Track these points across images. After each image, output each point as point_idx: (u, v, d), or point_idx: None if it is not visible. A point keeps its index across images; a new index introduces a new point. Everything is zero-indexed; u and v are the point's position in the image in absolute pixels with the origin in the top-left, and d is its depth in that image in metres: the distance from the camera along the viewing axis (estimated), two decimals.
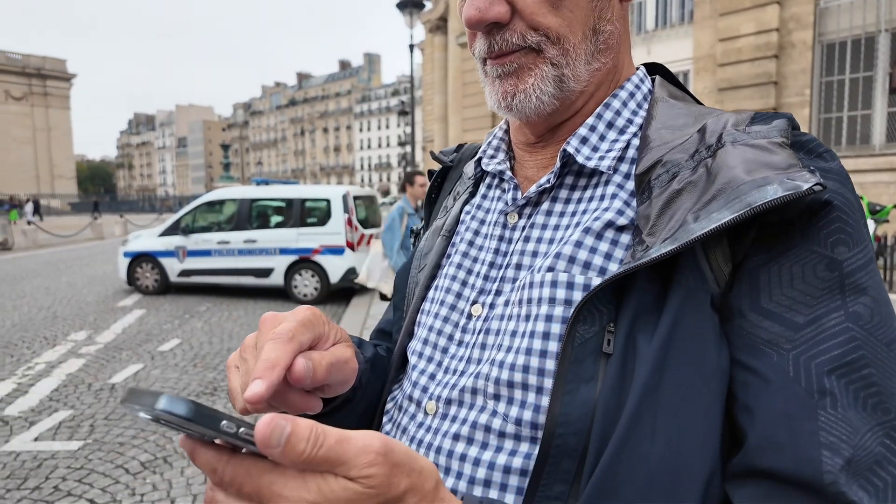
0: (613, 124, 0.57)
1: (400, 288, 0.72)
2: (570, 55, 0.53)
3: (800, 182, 0.41)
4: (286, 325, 0.47)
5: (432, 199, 0.78)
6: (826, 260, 0.43)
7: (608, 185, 0.54)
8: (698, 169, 0.47)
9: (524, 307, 0.52)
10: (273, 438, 0.31)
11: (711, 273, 0.45)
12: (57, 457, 3.34)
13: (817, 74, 8.95)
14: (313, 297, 8.04)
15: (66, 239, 19.12)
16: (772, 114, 0.52)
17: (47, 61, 62.15)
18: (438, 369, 0.58)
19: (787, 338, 0.42)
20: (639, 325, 0.45)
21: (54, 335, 6.25)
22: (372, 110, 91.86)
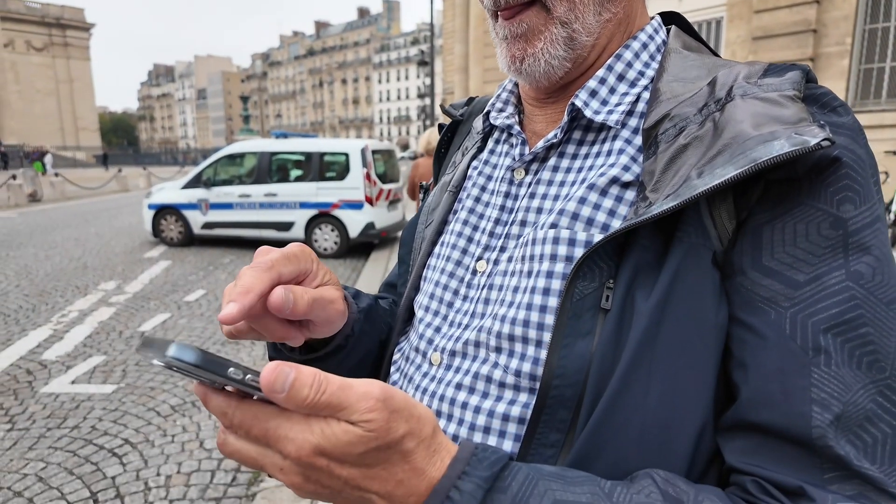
0: (624, 76, 0.55)
1: (406, 242, 0.72)
2: (578, 7, 0.51)
3: (808, 137, 0.40)
4: (269, 255, 0.48)
5: (442, 153, 0.77)
6: (831, 218, 0.42)
7: (616, 140, 0.53)
8: (706, 123, 0.46)
9: (526, 263, 0.52)
10: (278, 384, 0.33)
11: (715, 230, 0.45)
12: (93, 399, 3.54)
13: (860, 21, 8.43)
14: (333, 252, 8.14)
15: (92, 191, 19.50)
16: (787, 66, 0.50)
17: (66, 10, 61.70)
18: (444, 322, 0.59)
19: (786, 296, 0.42)
20: (638, 282, 0.45)
21: (85, 284, 6.48)
22: (391, 60, 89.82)
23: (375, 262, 7.53)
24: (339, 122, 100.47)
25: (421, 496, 0.37)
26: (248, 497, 2.57)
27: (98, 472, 2.75)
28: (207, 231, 8.73)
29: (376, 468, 0.36)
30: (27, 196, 16.15)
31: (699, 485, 0.42)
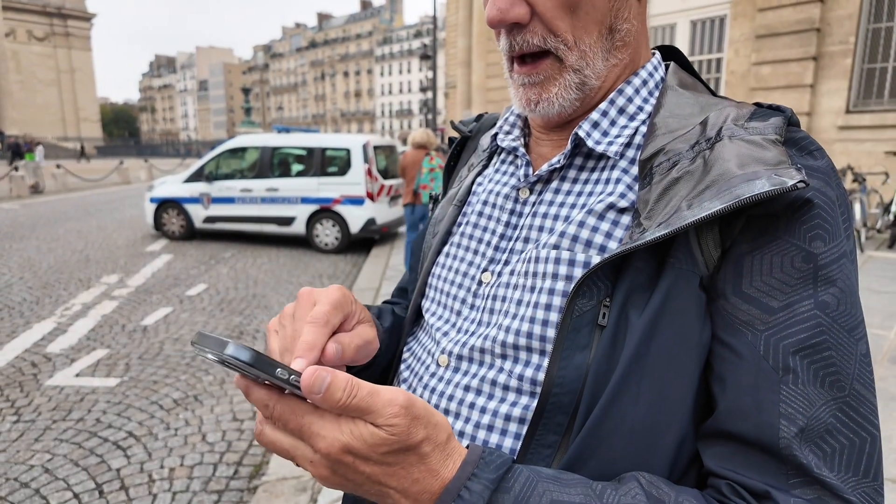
0: (624, 110, 0.60)
1: (416, 252, 0.78)
2: (588, 55, 0.56)
3: (785, 178, 0.44)
4: (321, 308, 0.53)
5: (451, 166, 0.82)
6: (803, 253, 0.47)
7: (614, 170, 0.58)
8: (696, 160, 0.51)
9: (529, 279, 0.57)
10: (316, 386, 0.39)
11: (702, 256, 0.49)
12: (97, 392, 3.59)
13: (864, 21, 8.40)
14: (334, 247, 8.18)
15: (94, 183, 19.53)
16: (771, 111, 0.55)
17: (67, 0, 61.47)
18: (452, 328, 0.63)
19: (761, 320, 0.47)
20: (632, 301, 0.50)
21: (88, 277, 6.53)
22: (394, 53, 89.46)
23: (376, 257, 7.57)
24: (340, 115, 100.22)
25: (434, 494, 0.42)
26: (250, 490, 2.63)
27: (103, 464, 2.80)
28: (209, 225, 8.77)
29: (396, 467, 0.41)
30: (29, 188, 16.18)
31: (680, 486, 0.47)
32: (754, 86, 9.18)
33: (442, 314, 0.66)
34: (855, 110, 8.59)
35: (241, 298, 5.74)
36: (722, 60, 9.84)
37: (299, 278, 6.64)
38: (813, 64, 8.64)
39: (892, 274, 5.69)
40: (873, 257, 6.48)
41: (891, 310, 4.52)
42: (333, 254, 8.14)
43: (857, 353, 0.46)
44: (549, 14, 0.53)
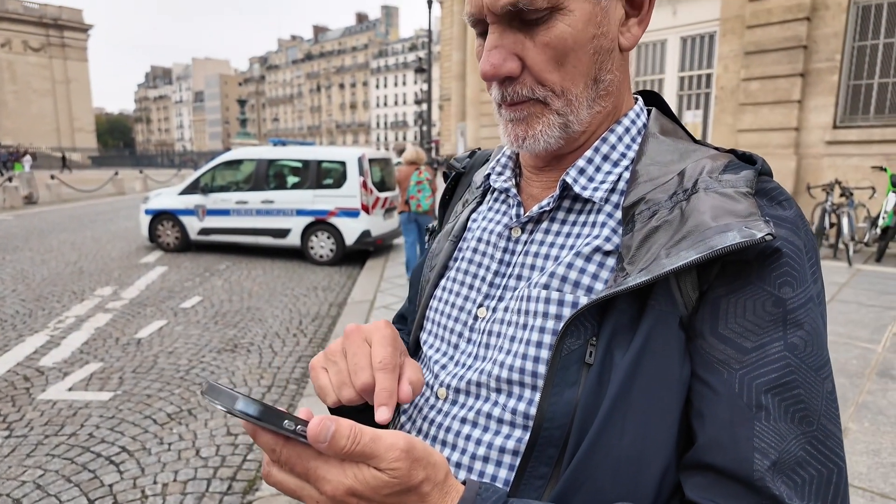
0: (608, 157, 0.64)
1: (414, 284, 0.82)
2: (573, 104, 0.60)
3: (755, 231, 0.49)
4: (384, 350, 0.57)
5: (446, 200, 0.86)
6: (773, 298, 0.51)
7: (600, 213, 0.62)
8: (674, 210, 0.55)
9: (521, 316, 0.60)
10: (321, 435, 0.42)
11: (681, 298, 0.54)
12: (90, 406, 3.58)
13: (850, 38, 8.57)
14: (329, 259, 8.20)
15: (88, 194, 19.48)
16: (743, 163, 0.60)
17: (64, 11, 61.61)
18: (450, 361, 0.67)
19: (736, 359, 0.51)
20: (616, 340, 0.54)
21: (82, 290, 6.52)
22: (389, 66, 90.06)
23: (371, 269, 7.59)
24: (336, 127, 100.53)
25: None
26: None
27: (95, 480, 2.79)
28: (204, 237, 8.78)
29: None
30: (23, 198, 16.13)
31: None
32: (743, 101, 9.32)
33: (440, 347, 0.69)
34: (842, 126, 8.74)
35: (235, 311, 5.75)
36: (712, 76, 9.99)
37: (294, 290, 6.65)
38: (800, 80, 8.80)
39: (881, 287, 5.76)
40: (861, 271, 6.57)
41: (879, 323, 4.58)
42: (328, 266, 8.16)
43: (824, 390, 0.50)
44: (539, 68, 0.58)
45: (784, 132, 8.98)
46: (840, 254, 7.28)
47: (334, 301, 6.24)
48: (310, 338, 4.98)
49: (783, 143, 9.00)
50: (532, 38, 0.57)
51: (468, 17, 0.61)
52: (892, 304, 5.12)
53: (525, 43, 0.57)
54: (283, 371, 4.21)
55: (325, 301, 6.23)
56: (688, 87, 10.38)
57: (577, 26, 0.57)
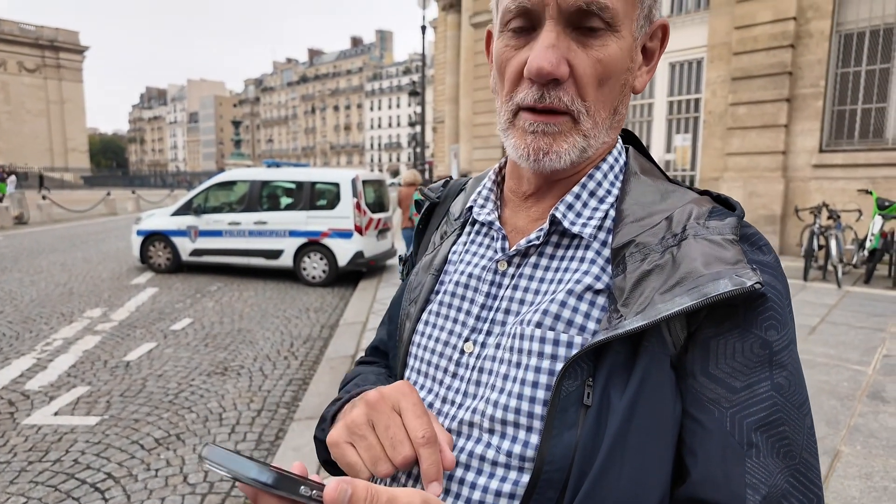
0: (595, 193, 0.66)
1: (394, 318, 0.80)
2: (598, 128, 0.61)
3: (745, 279, 0.52)
4: (422, 422, 0.55)
5: (420, 230, 0.85)
6: (760, 340, 0.54)
7: (588, 250, 0.63)
8: (665, 254, 0.57)
9: (515, 354, 0.60)
10: (339, 500, 0.42)
11: (670, 338, 0.56)
12: (76, 431, 3.52)
13: (833, 65, 8.80)
14: (321, 280, 8.18)
15: (80, 214, 19.39)
16: (724, 209, 0.62)
17: (60, 33, 62.06)
18: (436, 399, 0.66)
19: (727, 398, 0.53)
20: (612, 381, 0.55)
21: (71, 311, 6.45)
22: (383, 89, 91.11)
23: (364, 290, 7.57)
24: (330, 148, 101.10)
25: None
26: None
27: None
28: (196, 258, 8.74)
29: None
30: (13, 218, 16.03)
31: None
32: (731, 125, 9.49)
33: (425, 384, 0.68)
34: (828, 149, 8.91)
35: (226, 333, 5.70)
36: (700, 100, 10.19)
37: (285, 312, 6.61)
38: (786, 105, 8.99)
39: (870, 309, 5.81)
40: (850, 292, 6.63)
41: (869, 345, 4.61)
42: (320, 287, 8.13)
43: (805, 426, 0.54)
44: (585, 80, 0.58)
45: (772, 156, 9.14)
46: (829, 275, 7.35)
47: (326, 323, 6.20)
48: (301, 360, 4.94)
49: (771, 167, 9.16)
50: (585, 50, 0.57)
51: (520, 3, 0.57)
52: (881, 326, 5.16)
53: (577, 52, 0.57)
54: (274, 394, 4.16)
55: (317, 323, 6.19)
56: (677, 111, 10.57)
57: (623, 53, 0.59)
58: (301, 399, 4.04)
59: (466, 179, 0.85)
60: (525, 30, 0.59)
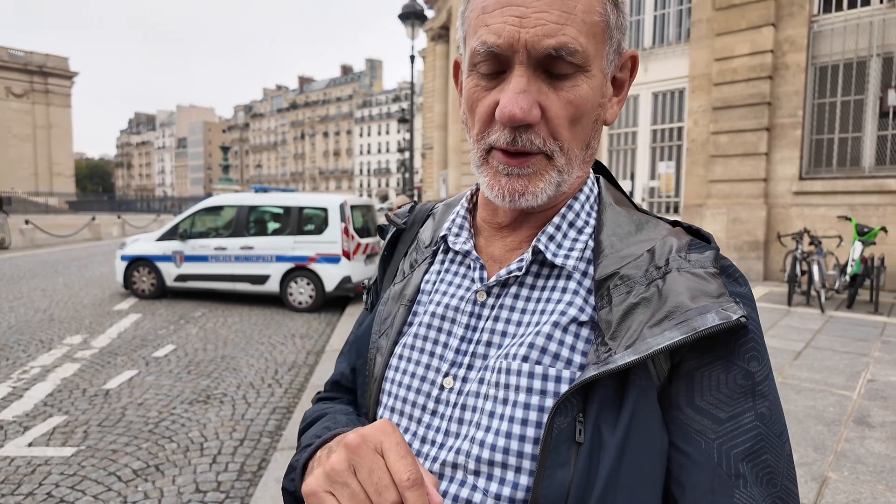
0: (574, 224, 0.66)
1: (362, 352, 0.75)
2: (572, 164, 0.61)
3: (730, 313, 0.53)
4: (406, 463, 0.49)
5: (385, 257, 0.82)
6: (743, 371, 0.55)
7: (570, 281, 0.63)
8: (651, 287, 0.57)
9: (501, 391, 0.58)
10: None
11: (655, 370, 0.56)
12: (50, 462, 3.40)
13: (810, 96, 9.08)
14: (308, 305, 8.10)
15: (63, 239, 19.14)
16: (702, 242, 0.63)
17: (50, 59, 62.21)
18: (415, 439, 0.63)
19: (713, 430, 0.54)
20: (603, 416, 0.54)
21: (50, 338, 6.30)
22: (373, 115, 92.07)
23: (351, 316, 7.51)
24: (319, 173, 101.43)
25: None
26: None
27: None
28: (180, 283, 8.64)
29: None
30: None
31: None
32: (714, 153, 9.70)
33: (401, 422, 0.65)
34: (807, 177, 9.12)
35: (209, 360, 5.59)
36: (683, 129, 10.42)
37: (271, 338, 6.52)
38: (766, 134, 9.22)
39: (853, 334, 5.88)
40: (834, 317, 6.70)
41: (853, 370, 4.64)
42: (307, 312, 8.05)
43: (785, 453, 0.55)
44: (557, 122, 0.58)
45: (753, 183, 9.33)
46: (813, 301, 7.44)
47: (312, 349, 6.12)
48: (285, 388, 4.85)
49: (753, 194, 9.33)
50: (556, 92, 0.57)
51: (488, 47, 0.56)
52: (864, 351, 5.21)
53: (549, 94, 0.57)
54: (257, 423, 4.07)
55: (303, 349, 6.11)
56: (660, 140, 10.79)
57: (595, 91, 0.59)
58: (285, 428, 3.96)
59: (433, 205, 0.83)
60: (496, 73, 0.59)
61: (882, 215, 8.24)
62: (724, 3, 9.43)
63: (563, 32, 0.55)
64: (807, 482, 2.86)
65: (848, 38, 8.70)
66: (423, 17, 13.38)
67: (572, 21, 0.55)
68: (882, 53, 8.47)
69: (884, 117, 8.52)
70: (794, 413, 3.71)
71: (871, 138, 8.66)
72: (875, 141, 8.63)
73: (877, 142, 8.63)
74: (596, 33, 0.58)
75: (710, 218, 9.56)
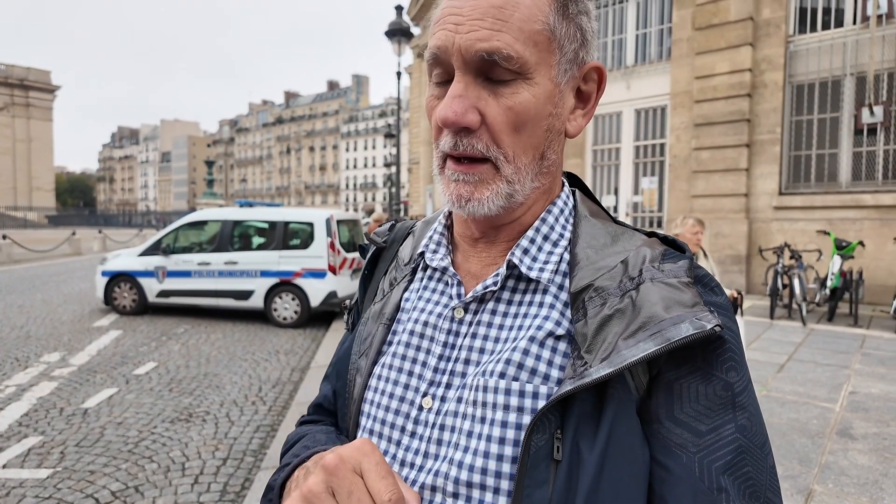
0: (548, 237, 0.66)
1: (342, 373, 0.74)
2: (521, 173, 0.61)
3: (704, 322, 0.53)
4: (386, 483, 0.48)
5: (366, 275, 0.82)
6: (722, 382, 0.55)
7: (546, 294, 0.62)
8: (625, 298, 0.57)
9: (478, 409, 0.58)
10: None
11: (633, 383, 0.55)
12: (25, 485, 3.29)
13: (788, 113, 9.31)
14: (293, 321, 8.02)
15: (42, 254, 18.78)
16: (676, 252, 0.63)
17: (31, 72, 61.54)
18: (394, 462, 0.62)
19: (693, 443, 0.53)
20: (581, 431, 0.53)
21: (26, 356, 6.14)
22: (359, 131, 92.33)
23: (336, 331, 7.44)
24: (305, 188, 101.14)
25: None
26: None
27: None
28: (163, 299, 8.50)
29: None
30: None
31: None
32: (696, 168, 9.87)
33: (380, 445, 0.64)
34: (787, 192, 9.31)
35: (192, 377, 5.49)
36: (665, 145, 10.60)
37: (254, 354, 6.43)
38: (747, 150, 9.42)
39: (834, 346, 5.96)
40: (815, 330, 6.81)
41: (835, 382, 4.70)
42: (292, 328, 7.96)
43: (768, 465, 0.54)
44: (497, 127, 0.58)
45: (735, 198, 9.49)
46: (794, 314, 7.55)
47: (297, 365, 6.04)
48: (269, 406, 4.78)
49: (735, 209, 9.50)
50: (496, 98, 0.58)
51: (432, 52, 0.59)
52: (845, 363, 5.29)
53: (488, 100, 0.58)
54: (240, 442, 4.00)
55: (287, 366, 6.03)
56: (643, 156, 10.96)
57: (539, 99, 0.59)
58: (269, 446, 3.89)
59: (413, 222, 0.83)
60: (445, 81, 0.60)
61: (859, 229, 8.43)
62: (704, 23, 9.67)
63: (497, 39, 0.56)
64: (792, 495, 2.87)
65: (823, 57, 8.97)
66: (409, 35, 13.51)
67: (507, 28, 0.56)
68: (855, 73, 8.74)
69: (858, 134, 8.76)
70: (778, 426, 3.74)
71: (847, 155, 8.88)
72: (851, 157, 8.86)
73: (853, 158, 8.85)
74: (538, 42, 0.58)
75: None
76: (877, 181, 8.60)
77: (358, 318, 0.80)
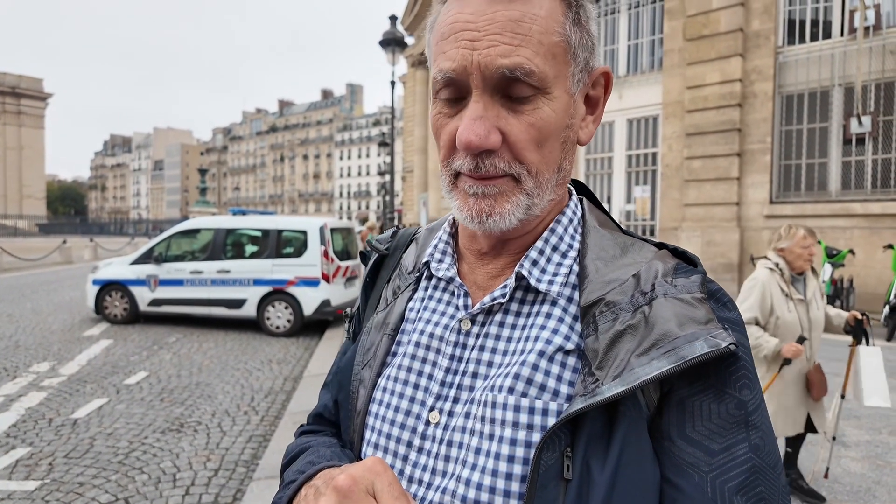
0: (557, 248, 0.65)
1: (344, 384, 0.72)
2: (542, 187, 0.60)
3: (719, 340, 0.52)
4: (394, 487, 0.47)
5: (368, 283, 0.80)
6: (735, 400, 0.54)
7: (555, 307, 0.61)
8: (637, 314, 0.56)
9: (487, 425, 0.57)
10: None
11: (644, 400, 0.54)
12: (13, 497, 3.24)
13: (777, 123, 9.42)
14: (285, 330, 7.97)
15: (32, 263, 18.60)
16: (688, 266, 0.62)
17: (23, 80, 61.25)
18: (401, 478, 0.60)
19: (706, 462, 0.52)
20: (591, 450, 0.52)
21: (15, 366, 6.07)
22: (353, 139, 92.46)
23: (330, 340, 7.40)
24: (298, 196, 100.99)
25: None
26: None
27: None
28: (154, 308, 8.43)
29: None
30: None
31: None
32: (688, 177, 9.95)
33: (385, 459, 0.62)
34: (777, 201, 9.40)
35: (183, 387, 5.44)
36: (657, 154, 10.69)
37: (247, 364, 6.38)
38: (738, 159, 9.51)
39: (828, 354, 5.98)
40: None
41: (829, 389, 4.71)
42: (285, 337, 7.91)
43: (780, 484, 0.53)
44: (521, 145, 0.57)
45: (726, 206, 9.57)
46: None
47: (290, 375, 6.00)
48: (262, 416, 4.73)
49: (726, 217, 9.57)
50: (516, 116, 0.56)
51: (444, 73, 0.56)
52: (838, 371, 5.31)
53: (508, 119, 0.56)
54: (232, 452, 3.95)
55: (280, 375, 5.98)
56: (636, 165, 11.04)
57: (558, 113, 0.58)
58: (262, 457, 3.85)
59: (416, 230, 0.81)
60: (456, 100, 0.58)
61: (849, 238, 8.51)
62: (695, 34, 9.80)
63: (518, 53, 0.54)
64: None
65: (811, 68, 9.10)
66: (403, 44, 13.58)
67: (527, 42, 0.54)
68: (843, 83, 8.86)
69: (847, 144, 8.88)
70: None
71: (836, 164, 8.99)
72: (840, 166, 8.97)
73: (842, 167, 8.96)
74: (556, 54, 0.56)
75: (684, 240, 9.75)
76: (866, 190, 8.70)
77: (360, 327, 0.78)
